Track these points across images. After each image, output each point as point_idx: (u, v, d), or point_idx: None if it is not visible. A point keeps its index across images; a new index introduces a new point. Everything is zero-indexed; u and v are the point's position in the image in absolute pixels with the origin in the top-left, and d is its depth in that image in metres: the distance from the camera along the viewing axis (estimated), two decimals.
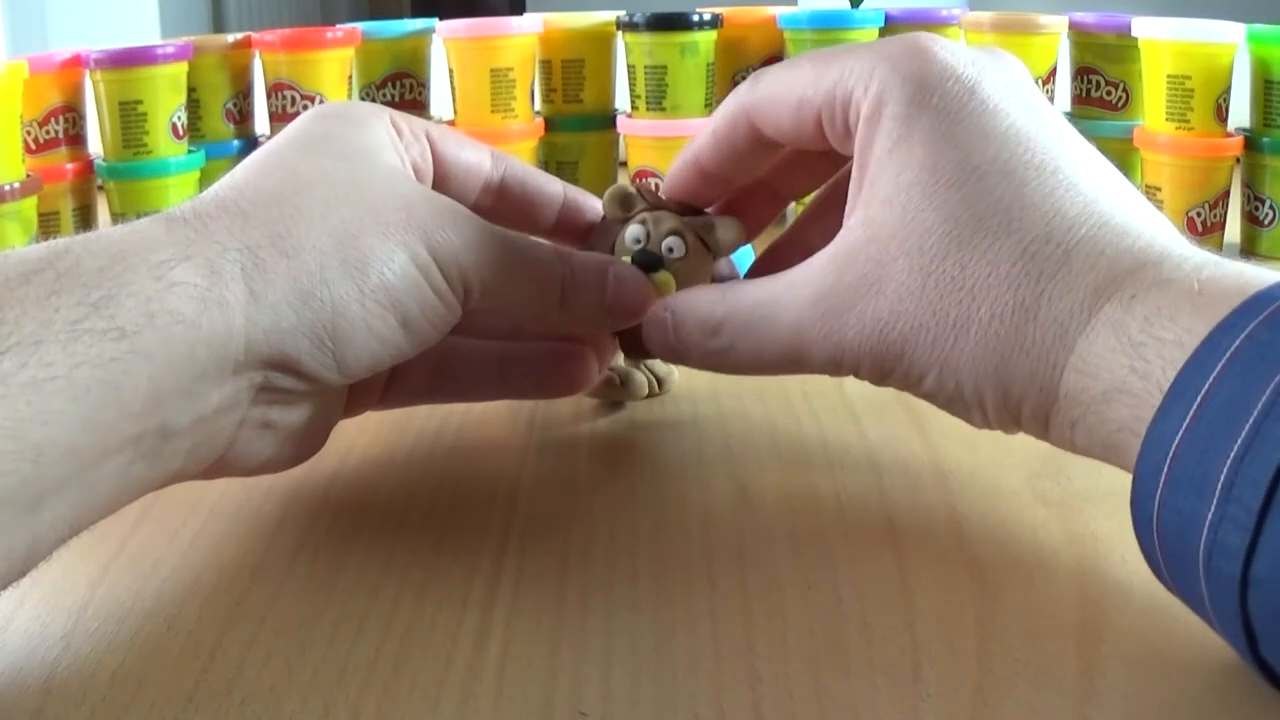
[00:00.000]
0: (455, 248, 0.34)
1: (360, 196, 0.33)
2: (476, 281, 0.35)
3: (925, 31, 0.36)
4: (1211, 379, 0.27)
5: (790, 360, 0.35)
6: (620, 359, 0.44)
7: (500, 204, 0.42)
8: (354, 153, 0.35)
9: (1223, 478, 0.26)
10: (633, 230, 0.39)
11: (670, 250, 0.39)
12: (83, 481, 0.28)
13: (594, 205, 0.42)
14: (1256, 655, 0.26)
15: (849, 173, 0.36)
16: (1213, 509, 0.26)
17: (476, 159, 0.40)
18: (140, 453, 0.29)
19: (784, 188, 0.42)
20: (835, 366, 0.34)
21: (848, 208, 0.35)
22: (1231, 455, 0.25)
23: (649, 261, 0.39)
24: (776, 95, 0.37)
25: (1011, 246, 0.32)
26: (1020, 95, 0.34)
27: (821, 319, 0.34)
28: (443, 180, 0.40)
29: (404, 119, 0.39)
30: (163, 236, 0.30)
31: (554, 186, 0.42)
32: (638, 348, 0.41)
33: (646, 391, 0.45)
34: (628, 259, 0.39)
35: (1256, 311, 0.27)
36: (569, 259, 0.37)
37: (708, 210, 0.41)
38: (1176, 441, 0.27)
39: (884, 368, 0.33)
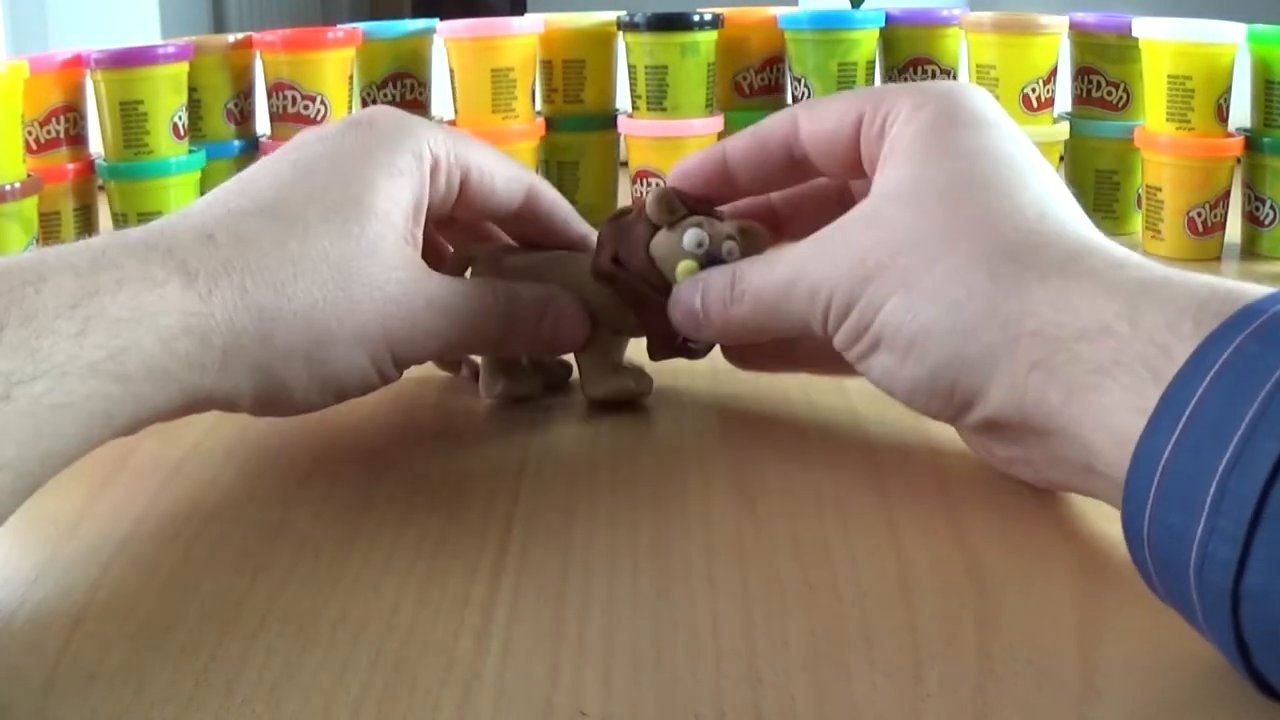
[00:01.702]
0: (414, 344, 0.39)
1: (347, 296, 0.37)
2: (427, 357, 0.41)
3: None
4: (1200, 392, 0.27)
5: (780, 299, 0.38)
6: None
7: (515, 227, 0.45)
8: (370, 233, 0.38)
9: (1212, 492, 0.25)
10: (694, 234, 0.41)
11: (729, 254, 0.41)
12: (63, 468, 0.32)
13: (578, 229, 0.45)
14: (1250, 667, 0.26)
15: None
16: (1202, 523, 0.26)
17: (506, 201, 0.43)
18: (107, 440, 0.34)
19: (793, 216, 0.44)
20: (811, 299, 0.37)
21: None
22: (1220, 469, 0.25)
23: (714, 264, 0.41)
24: (830, 102, 0.40)
25: (1009, 203, 0.34)
26: (1031, 144, 0.38)
27: (816, 253, 0.37)
28: (464, 205, 0.42)
29: (445, 147, 0.41)
30: (175, 300, 0.34)
31: (578, 229, 0.45)
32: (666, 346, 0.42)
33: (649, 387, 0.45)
34: (689, 263, 0.41)
35: (1244, 325, 0.27)
36: (510, 301, 0.41)
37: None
38: (1165, 456, 0.27)
39: (852, 296, 0.35)
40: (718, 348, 0.44)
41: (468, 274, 0.45)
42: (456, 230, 0.46)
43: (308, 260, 0.37)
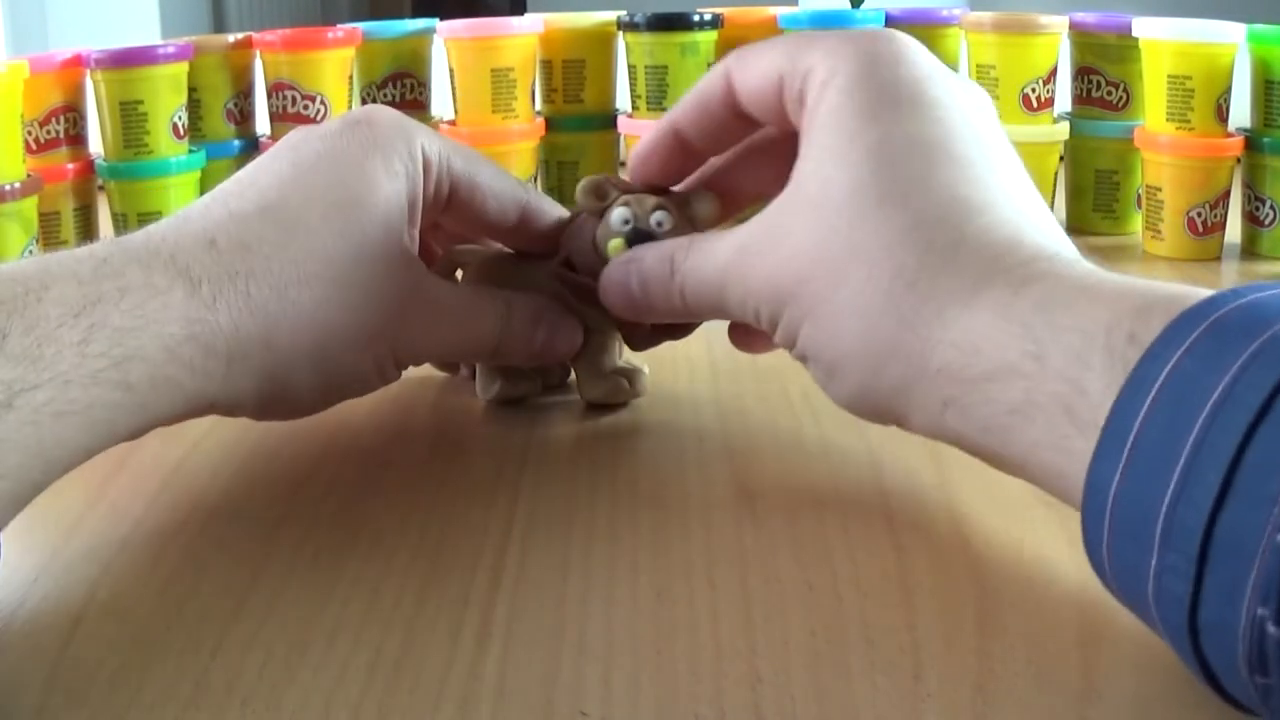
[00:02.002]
0: (416, 345, 0.40)
1: (349, 297, 0.37)
2: (424, 358, 0.43)
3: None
4: (1141, 417, 0.26)
5: (717, 300, 0.38)
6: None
7: (510, 240, 0.44)
8: (371, 233, 0.38)
9: (1160, 525, 0.25)
10: (619, 212, 0.40)
11: (659, 224, 0.40)
12: (62, 474, 0.32)
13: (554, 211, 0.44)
14: (1220, 690, 0.26)
15: None
16: (1155, 558, 0.25)
17: (497, 218, 0.42)
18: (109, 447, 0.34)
19: (747, 182, 0.42)
20: (742, 308, 0.37)
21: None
22: (1166, 501, 0.25)
23: (642, 238, 0.39)
24: (755, 57, 0.38)
25: (905, 218, 0.33)
26: (967, 103, 0.36)
27: (738, 261, 0.36)
28: (453, 215, 0.42)
29: (438, 152, 0.40)
30: (179, 308, 0.34)
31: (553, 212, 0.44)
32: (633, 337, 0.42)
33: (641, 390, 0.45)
34: (617, 241, 0.40)
35: (1180, 339, 0.26)
36: (508, 308, 0.41)
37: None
38: (1114, 487, 0.26)
39: (774, 314, 0.35)
40: (725, 330, 0.43)
41: (457, 276, 0.45)
42: (444, 235, 0.46)
43: (311, 262, 0.37)
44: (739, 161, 0.42)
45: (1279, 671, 0.23)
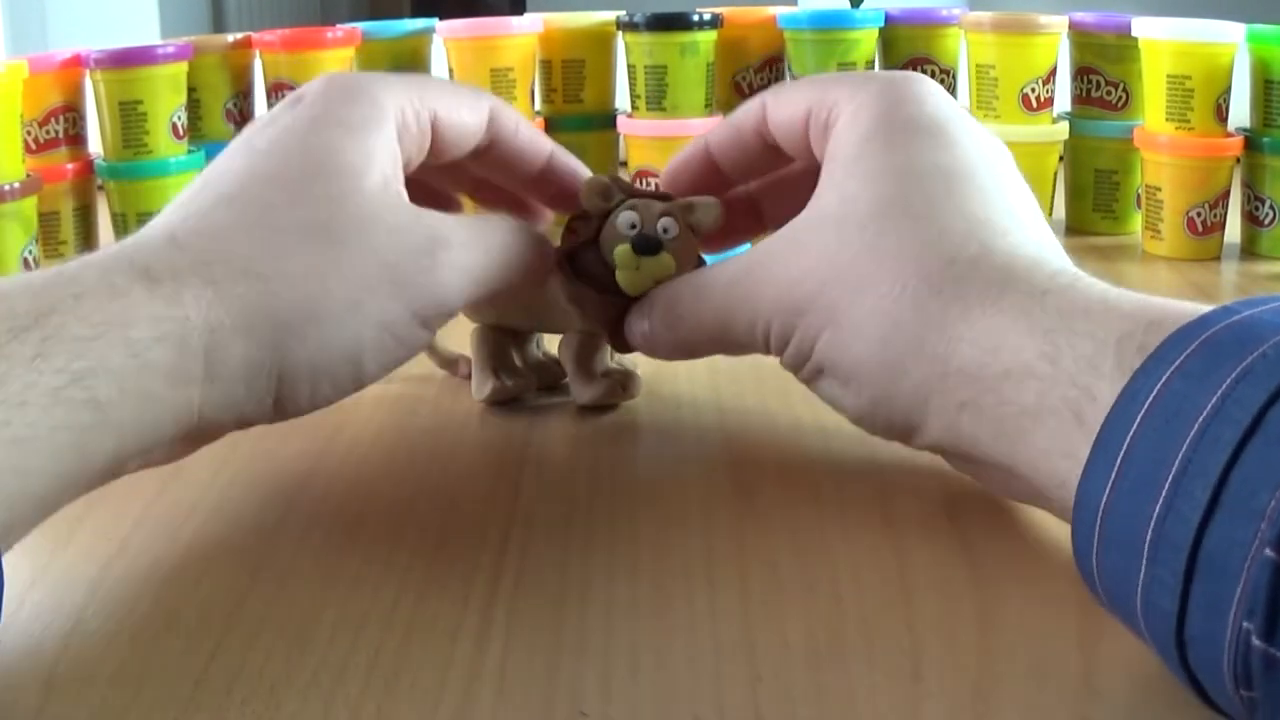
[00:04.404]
0: (439, 288, 0.36)
1: (330, 260, 0.34)
2: (459, 301, 0.37)
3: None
4: (1132, 432, 0.26)
5: (722, 323, 0.38)
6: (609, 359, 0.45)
7: (484, 161, 0.42)
8: (340, 190, 0.35)
9: (1148, 539, 0.25)
10: (626, 216, 0.40)
11: (665, 231, 0.40)
12: (42, 514, 0.30)
13: (578, 169, 0.44)
14: (1209, 701, 0.26)
15: None
16: (1143, 571, 0.25)
17: (474, 125, 0.40)
18: (96, 484, 0.32)
19: (769, 207, 0.43)
20: (750, 328, 0.37)
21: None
22: (1154, 516, 0.25)
23: (649, 245, 0.40)
24: (790, 91, 0.40)
25: (930, 232, 0.34)
26: (986, 145, 0.37)
27: (748, 277, 0.37)
28: (437, 148, 0.40)
29: (409, 99, 0.38)
30: (141, 308, 0.31)
31: (541, 146, 0.43)
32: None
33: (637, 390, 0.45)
34: (623, 247, 0.40)
35: (1174, 355, 0.26)
36: (513, 226, 0.39)
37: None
38: (1104, 500, 0.26)
39: (788, 328, 0.36)
40: None
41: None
42: (470, 182, 0.45)
43: (278, 235, 0.34)
44: (765, 191, 0.43)
45: (1263, 685, 0.23)
